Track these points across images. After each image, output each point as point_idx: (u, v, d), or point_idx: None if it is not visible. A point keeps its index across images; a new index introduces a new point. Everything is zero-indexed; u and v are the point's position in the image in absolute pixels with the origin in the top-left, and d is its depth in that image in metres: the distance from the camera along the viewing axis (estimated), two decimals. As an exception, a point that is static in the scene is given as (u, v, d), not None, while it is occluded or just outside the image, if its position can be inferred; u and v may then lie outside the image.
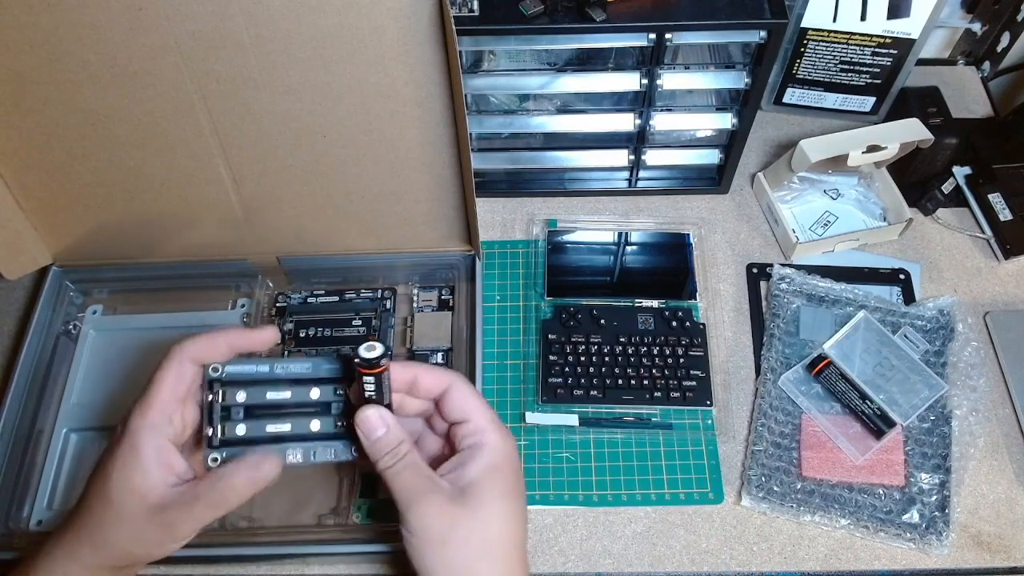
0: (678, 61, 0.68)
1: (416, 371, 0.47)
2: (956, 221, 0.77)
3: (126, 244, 0.67)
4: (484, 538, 0.43)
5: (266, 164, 0.60)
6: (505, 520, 0.44)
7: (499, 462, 0.45)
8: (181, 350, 0.45)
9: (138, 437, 0.43)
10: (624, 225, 0.76)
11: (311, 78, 0.54)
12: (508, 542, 0.44)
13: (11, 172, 0.61)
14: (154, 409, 0.44)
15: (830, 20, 0.74)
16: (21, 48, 0.51)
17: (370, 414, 0.44)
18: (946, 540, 0.58)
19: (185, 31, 0.51)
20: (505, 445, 0.46)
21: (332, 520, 0.59)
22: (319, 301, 0.69)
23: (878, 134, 0.69)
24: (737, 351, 0.69)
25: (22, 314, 0.70)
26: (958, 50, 0.89)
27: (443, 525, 0.42)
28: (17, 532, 0.59)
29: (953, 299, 0.69)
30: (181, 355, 0.45)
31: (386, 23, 0.51)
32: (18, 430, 0.61)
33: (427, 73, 0.54)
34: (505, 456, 0.46)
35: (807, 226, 0.76)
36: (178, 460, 0.44)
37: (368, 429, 0.44)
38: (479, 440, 0.45)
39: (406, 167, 0.61)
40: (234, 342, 0.46)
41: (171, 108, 0.55)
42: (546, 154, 0.76)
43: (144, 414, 0.44)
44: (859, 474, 0.61)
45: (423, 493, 0.43)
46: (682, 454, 0.64)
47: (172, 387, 0.45)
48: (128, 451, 0.43)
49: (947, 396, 0.64)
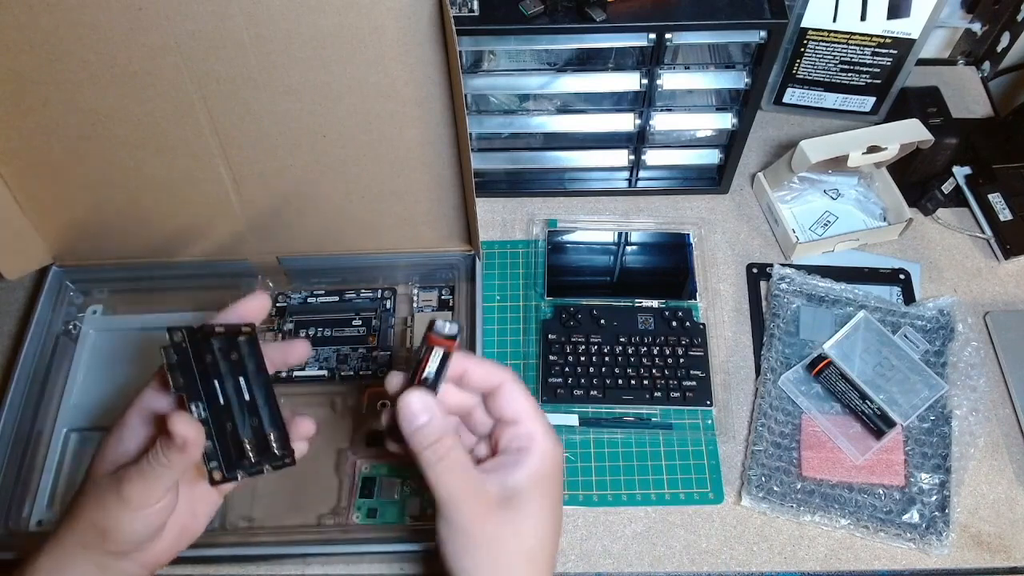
0: (678, 61, 0.68)
1: (468, 363, 0.44)
2: (956, 221, 0.77)
3: (126, 244, 0.67)
4: (528, 547, 0.42)
5: (266, 164, 0.60)
6: (548, 531, 0.43)
7: (549, 470, 0.44)
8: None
9: (126, 415, 0.44)
10: (624, 225, 0.76)
11: (311, 78, 0.54)
12: (547, 553, 0.43)
13: (11, 172, 0.61)
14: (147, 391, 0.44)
15: (830, 20, 0.74)
16: (21, 48, 0.51)
17: (413, 399, 0.41)
18: (946, 540, 0.58)
19: (185, 31, 0.51)
20: (556, 453, 0.44)
21: (332, 520, 0.59)
22: (319, 301, 0.69)
23: (878, 135, 0.69)
24: (737, 351, 0.69)
25: (22, 314, 0.70)
26: (958, 50, 0.89)
27: (491, 529, 0.41)
28: (17, 532, 0.59)
29: (953, 299, 0.69)
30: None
31: (386, 23, 0.51)
32: (18, 430, 0.61)
33: (427, 73, 0.54)
34: (555, 464, 0.44)
35: (807, 226, 0.76)
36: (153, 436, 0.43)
37: (410, 415, 0.41)
38: (529, 445, 0.43)
39: (406, 167, 0.61)
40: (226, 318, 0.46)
41: (171, 108, 0.55)
42: (546, 154, 0.76)
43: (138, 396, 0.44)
44: (859, 474, 0.61)
45: (471, 494, 0.41)
46: (682, 454, 0.64)
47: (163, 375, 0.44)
48: (115, 427, 0.44)
49: (947, 396, 0.64)
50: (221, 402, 0.43)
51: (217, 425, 0.43)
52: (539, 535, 0.43)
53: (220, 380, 0.43)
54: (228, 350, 0.44)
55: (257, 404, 0.45)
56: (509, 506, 0.42)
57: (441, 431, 0.42)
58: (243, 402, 0.45)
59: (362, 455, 0.62)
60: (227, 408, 0.44)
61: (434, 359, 0.42)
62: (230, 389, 0.44)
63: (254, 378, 0.46)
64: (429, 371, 0.42)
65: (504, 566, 0.41)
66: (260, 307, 0.47)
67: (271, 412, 0.46)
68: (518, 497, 0.42)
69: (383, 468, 0.61)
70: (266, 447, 0.45)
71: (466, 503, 0.41)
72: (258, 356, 0.46)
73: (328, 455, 0.62)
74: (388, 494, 0.60)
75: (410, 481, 0.61)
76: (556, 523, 0.44)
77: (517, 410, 0.44)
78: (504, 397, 0.44)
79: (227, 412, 0.44)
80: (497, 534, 0.41)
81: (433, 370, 0.42)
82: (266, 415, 0.46)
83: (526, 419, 0.44)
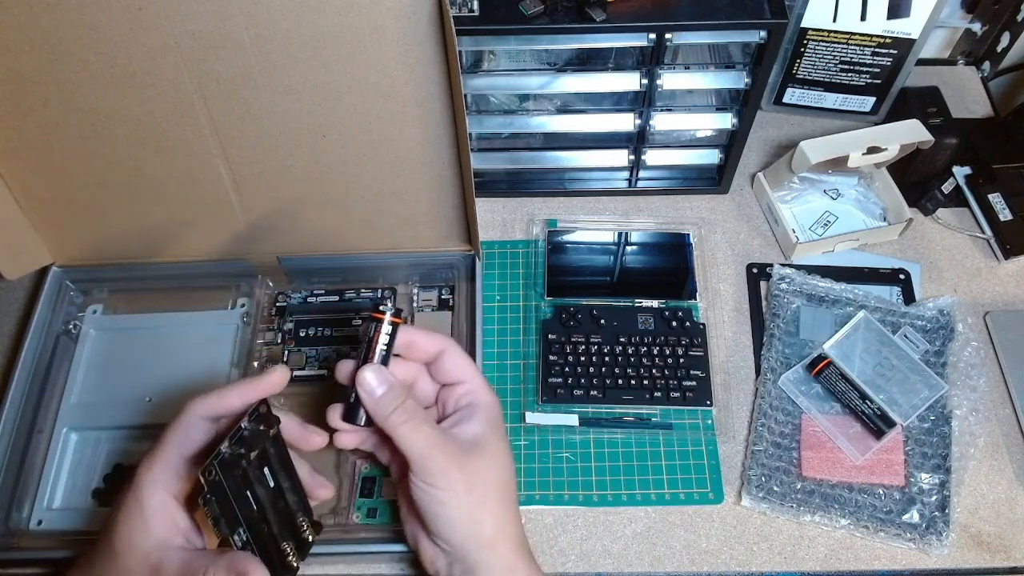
0: (678, 61, 0.68)
1: (414, 334, 0.50)
2: (956, 221, 0.77)
3: (126, 244, 0.67)
4: (497, 476, 0.48)
5: (266, 164, 0.60)
6: (509, 464, 0.50)
7: (495, 417, 0.51)
8: (191, 408, 0.47)
9: (143, 491, 0.44)
10: (624, 225, 0.76)
11: (311, 78, 0.54)
12: (512, 483, 0.50)
13: (11, 172, 0.61)
14: (161, 464, 0.45)
15: (830, 20, 0.74)
16: (21, 48, 0.51)
17: (368, 374, 0.47)
18: (946, 540, 0.58)
19: (185, 31, 0.51)
20: (496, 401, 0.52)
21: (332, 520, 0.59)
22: (319, 301, 0.69)
23: (878, 135, 0.69)
24: (737, 351, 0.69)
25: (22, 314, 0.70)
26: (958, 50, 0.89)
27: (465, 475, 0.46)
28: (17, 532, 0.59)
29: (953, 299, 0.69)
30: (190, 413, 0.46)
31: (386, 23, 0.51)
32: (18, 430, 0.61)
33: (427, 73, 0.54)
34: (498, 411, 0.52)
35: (807, 226, 0.76)
36: (182, 518, 0.45)
37: (370, 388, 0.47)
38: (476, 399, 0.51)
39: (406, 167, 0.61)
40: (245, 394, 0.47)
41: (171, 108, 0.55)
42: (546, 154, 0.76)
43: (151, 468, 0.45)
44: (859, 474, 0.61)
45: (443, 447, 0.46)
46: (682, 454, 0.64)
47: (181, 443, 0.46)
48: (133, 505, 0.44)
49: (947, 396, 0.64)
50: (255, 509, 0.45)
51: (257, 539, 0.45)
52: (504, 465, 0.49)
53: (251, 488, 0.45)
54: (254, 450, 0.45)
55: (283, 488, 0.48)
56: (474, 451, 0.48)
57: (401, 395, 0.47)
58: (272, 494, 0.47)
59: (362, 455, 0.62)
60: (262, 511, 0.46)
61: (384, 334, 0.48)
62: (261, 491, 0.46)
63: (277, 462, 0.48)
64: (381, 346, 0.48)
65: (481, 495, 0.47)
66: (281, 381, 0.49)
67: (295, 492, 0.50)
68: (480, 443, 0.48)
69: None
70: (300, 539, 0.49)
71: (439, 451, 0.46)
72: (282, 444, 0.48)
73: (328, 455, 0.62)
74: (388, 494, 0.60)
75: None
76: (511, 459, 0.51)
77: (462, 371, 0.51)
78: (448, 361, 0.51)
79: (263, 515, 0.46)
80: (471, 469, 0.47)
81: (384, 344, 0.48)
82: (292, 498, 0.49)
83: (470, 378, 0.51)
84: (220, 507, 0.42)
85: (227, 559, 0.43)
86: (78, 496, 0.61)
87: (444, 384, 0.52)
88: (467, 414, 0.50)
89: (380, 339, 0.48)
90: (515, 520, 0.49)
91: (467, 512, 0.46)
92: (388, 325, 0.48)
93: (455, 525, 0.46)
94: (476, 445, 0.48)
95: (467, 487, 0.46)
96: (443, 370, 0.51)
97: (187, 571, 0.43)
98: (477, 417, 0.49)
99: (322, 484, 0.54)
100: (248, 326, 0.67)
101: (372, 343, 0.48)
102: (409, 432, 0.46)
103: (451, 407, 0.51)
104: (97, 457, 0.62)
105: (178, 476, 0.45)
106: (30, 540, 0.58)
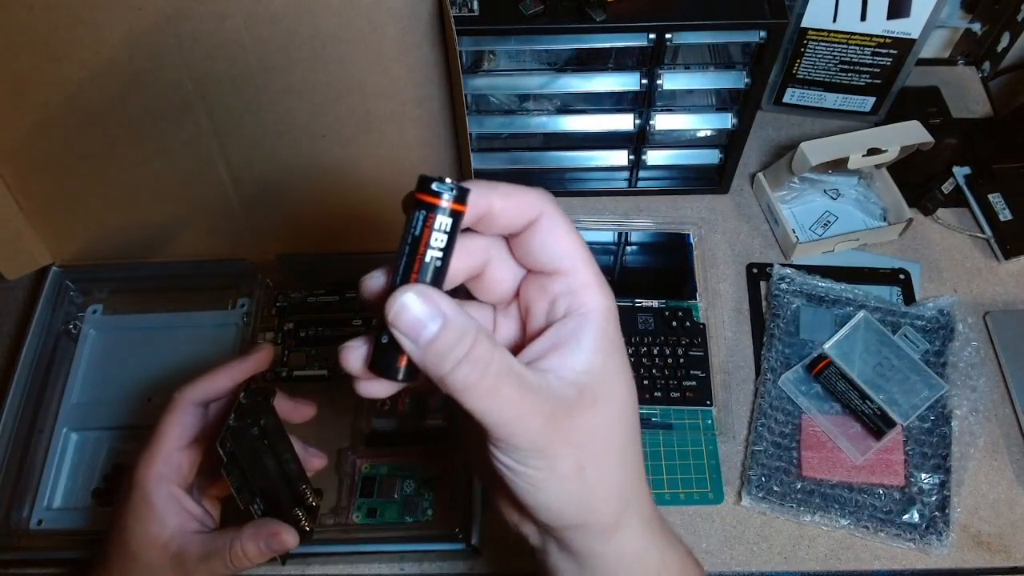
0: (678, 61, 0.68)
1: (489, 193, 0.29)
2: (956, 221, 0.77)
3: (126, 244, 0.67)
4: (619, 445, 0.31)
5: (266, 164, 0.60)
6: (630, 409, 0.32)
7: (612, 333, 0.31)
8: (182, 397, 0.46)
9: (148, 487, 0.44)
10: (624, 225, 0.76)
11: (311, 78, 0.54)
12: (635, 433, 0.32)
13: (11, 172, 0.61)
14: (159, 458, 0.45)
15: (830, 20, 0.74)
16: (21, 48, 0.51)
17: (410, 300, 0.27)
18: (946, 540, 0.58)
19: (185, 31, 0.51)
20: (613, 306, 0.31)
21: (332, 520, 0.59)
22: (319, 301, 0.69)
23: (878, 136, 0.69)
24: (737, 351, 0.69)
25: (22, 314, 0.70)
26: (958, 50, 0.89)
27: (573, 447, 0.29)
28: (17, 532, 0.59)
29: (953, 299, 0.69)
30: (182, 402, 0.46)
31: (386, 23, 0.51)
32: (18, 430, 0.61)
33: (427, 73, 0.54)
34: (615, 323, 0.31)
35: (807, 226, 0.75)
36: (192, 505, 0.45)
37: (413, 324, 0.27)
38: (585, 304, 0.30)
39: (406, 167, 0.61)
40: (234, 374, 0.47)
41: (171, 108, 0.55)
42: (546, 154, 0.76)
43: (150, 464, 0.44)
44: (859, 474, 0.61)
45: (538, 409, 0.28)
46: (682, 454, 0.64)
47: (176, 435, 0.45)
48: (141, 503, 0.44)
49: (947, 396, 0.64)
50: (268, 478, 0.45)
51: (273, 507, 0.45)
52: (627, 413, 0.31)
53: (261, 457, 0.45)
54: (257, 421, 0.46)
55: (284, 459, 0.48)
56: (583, 402, 0.29)
57: (468, 337, 0.27)
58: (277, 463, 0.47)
59: (362, 455, 0.62)
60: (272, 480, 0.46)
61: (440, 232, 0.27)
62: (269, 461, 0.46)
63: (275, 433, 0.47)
64: (434, 252, 0.27)
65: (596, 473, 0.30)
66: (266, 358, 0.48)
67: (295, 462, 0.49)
68: (592, 387, 0.29)
69: (383, 468, 0.61)
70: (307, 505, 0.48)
71: (533, 417, 0.28)
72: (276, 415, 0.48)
73: (328, 455, 0.62)
74: (388, 494, 0.60)
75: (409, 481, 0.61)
76: (635, 396, 0.32)
77: (564, 252, 0.30)
78: (545, 234, 0.30)
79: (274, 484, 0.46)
80: (580, 436, 0.29)
81: (439, 248, 0.27)
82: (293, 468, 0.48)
83: (576, 266, 0.30)
84: (239, 479, 0.43)
85: (251, 528, 0.43)
86: (78, 496, 0.61)
87: (532, 271, 0.32)
88: (571, 333, 0.30)
89: (431, 239, 0.27)
90: (642, 491, 0.33)
91: (576, 497, 0.30)
92: (447, 216, 0.27)
93: (560, 513, 0.30)
94: (586, 392, 0.29)
95: (576, 464, 0.29)
96: (533, 248, 0.30)
97: (210, 551, 0.43)
98: (587, 339, 0.30)
99: (315, 454, 0.51)
100: (248, 326, 0.67)
101: (420, 246, 0.27)
102: (483, 397, 0.27)
103: (542, 314, 0.31)
104: (97, 457, 0.62)
105: (178, 466, 0.45)
106: (30, 540, 0.58)
